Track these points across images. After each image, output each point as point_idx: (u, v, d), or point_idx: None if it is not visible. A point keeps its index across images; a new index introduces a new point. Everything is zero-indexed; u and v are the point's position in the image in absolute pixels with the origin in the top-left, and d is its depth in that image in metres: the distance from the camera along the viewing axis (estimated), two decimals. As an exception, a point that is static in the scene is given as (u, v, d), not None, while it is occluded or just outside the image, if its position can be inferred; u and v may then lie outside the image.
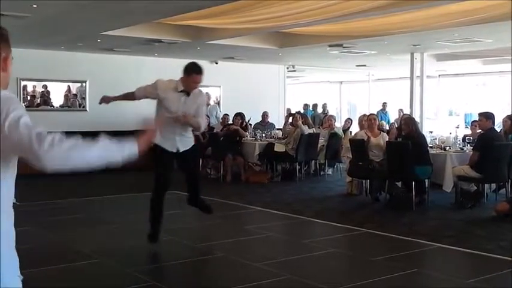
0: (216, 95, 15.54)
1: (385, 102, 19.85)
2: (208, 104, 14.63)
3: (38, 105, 12.96)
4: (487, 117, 8.36)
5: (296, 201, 8.84)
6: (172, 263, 5.31)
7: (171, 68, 14.33)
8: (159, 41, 11.15)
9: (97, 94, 13.07)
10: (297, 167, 11.17)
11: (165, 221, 7.41)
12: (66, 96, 13.34)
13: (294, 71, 18.34)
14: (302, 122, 11.45)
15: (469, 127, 11.97)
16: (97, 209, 8.24)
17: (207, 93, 15.17)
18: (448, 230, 6.71)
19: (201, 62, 15.46)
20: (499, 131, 8.91)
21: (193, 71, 5.60)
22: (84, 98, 13.43)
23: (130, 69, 13.86)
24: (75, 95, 13.45)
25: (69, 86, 13.37)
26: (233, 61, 14.98)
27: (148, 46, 11.77)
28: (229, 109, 13.50)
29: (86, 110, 13.39)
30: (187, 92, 5.62)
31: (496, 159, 8.07)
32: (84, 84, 13.42)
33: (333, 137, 11.48)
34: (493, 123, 8.50)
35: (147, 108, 14.58)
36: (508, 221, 7.14)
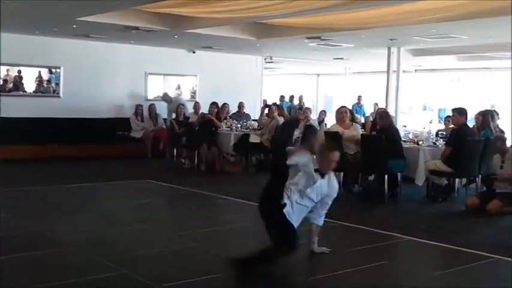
0: (192, 85, 15.47)
1: (360, 96, 19.96)
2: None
3: (10, 90, 12.75)
4: (460, 113, 8.47)
5: (270, 192, 8.84)
6: (145, 252, 5.29)
7: (148, 56, 14.36)
8: (136, 28, 11.04)
9: (71, 80, 13.11)
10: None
11: (138, 210, 7.43)
12: (39, 82, 13.15)
13: (272, 62, 18.32)
14: (278, 114, 11.46)
15: (443, 122, 12.10)
16: (75, 197, 8.15)
17: (178, 85, 15.15)
18: (419, 223, 6.80)
19: (178, 51, 15.60)
20: (471, 126, 9.02)
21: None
22: (58, 84, 13.25)
23: (106, 56, 13.73)
24: (49, 80, 13.27)
25: (40, 72, 13.16)
26: (211, 51, 14.91)
27: (125, 33, 11.64)
28: (205, 99, 13.45)
29: (59, 97, 13.22)
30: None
31: (468, 155, 8.19)
32: (58, 70, 13.24)
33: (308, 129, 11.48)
34: (466, 119, 8.61)
35: (121, 96, 14.59)
36: (478, 216, 7.26)
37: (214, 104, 12.21)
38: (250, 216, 7.48)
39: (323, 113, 14.09)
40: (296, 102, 20.10)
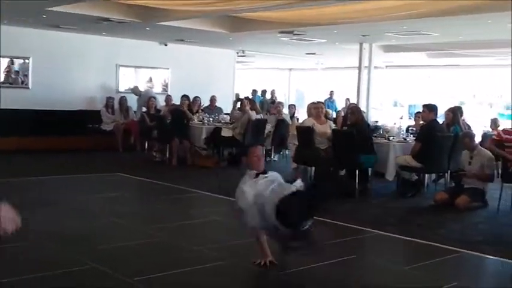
0: (164, 77, 15.37)
1: (332, 91, 20.07)
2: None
3: (-24, 81, 12.51)
4: (430, 109, 8.57)
5: (241, 186, 8.84)
6: (116, 246, 5.25)
7: (120, 48, 14.21)
8: (108, 19, 10.92)
9: (41, 71, 12.91)
10: (244, 152, 11.17)
11: (109, 203, 7.36)
12: (7, 73, 12.92)
13: (244, 56, 18.30)
14: (250, 108, 11.47)
15: (413, 118, 12.23)
16: (45, 190, 8.03)
17: (150, 77, 15.04)
18: (389, 218, 6.88)
19: (150, 43, 15.45)
20: (441, 123, 9.14)
21: None
22: (26, 75, 13.04)
23: (77, 47, 13.56)
24: (17, 71, 13.05)
25: (11, 62, 12.94)
26: (183, 43, 14.83)
27: (96, 24, 11.51)
28: (177, 92, 13.37)
29: (28, 88, 13.02)
30: None
31: (437, 151, 8.30)
32: (27, 60, 13.03)
33: (281, 123, 11.54)
34: (436, 115, 8.71)
35: (92, 88, 14.41)
36: (446, 211, 7.37)
37: (185, 97, 12.15)
38: (222, 209, 7.49)
39: (292, 107, 14.11)
40: (268, 96, 20.12)
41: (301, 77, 25.94)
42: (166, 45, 15.01)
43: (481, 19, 9.82)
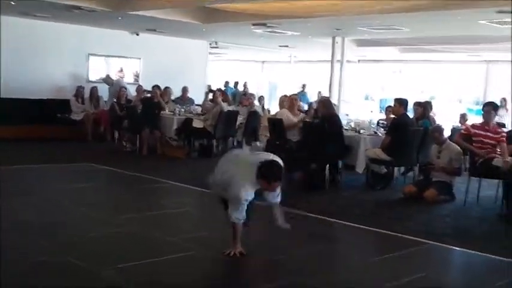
0: (135, 68, 15.23)
1: (304, 84, 20.13)
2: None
3: None
4: (400, 103, 8.65)
5: (212, 177, 8.83)
6: (86, 236, 5.20)
7: (91, 37, 14.03)
8: (79, 8, 10.75)
9: (10, 59, 12.65)
10: (215, 144, 11.17)
11: (79, 193, 7.28)
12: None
13: (217, 47, 18.23)
14: (222, 99, 11.44)
15: (384, 112, 12.35)
16: (13, 180, 7.87)
17: (121, 67, 14.90)
18: (358, 210, 6.94)
19: (121, 33, 15.27)
20: (411, 117, 9.24)
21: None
22: (-5, 63, 12.78)
23: (47, 35, 13.34)
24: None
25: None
26: (155, 33, 14.70)
27: (67, 13, 11.33)
28: (148, 82, 13.27)
29: (-4, 76, 12.78)
30: None
31: (407, 144, 8.39)
32: (-4, 48, 12.77)
33: (252, 115, 11.54)
34: (406, 109, 8.80)
35: (61, 77, 14.16)
36: (415, 203, 7.46)
37: (156, 87, 12.04)
38: (192, 200, 7.49)
39: (262, 98, 14.12)
40: (241, 88, 20.10)
41: (274, 70, 25.95)
42: (137, 34, 14.87)
43: (451, 15, 9.94)
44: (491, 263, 5.12)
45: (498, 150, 7.45)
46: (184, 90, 13.45)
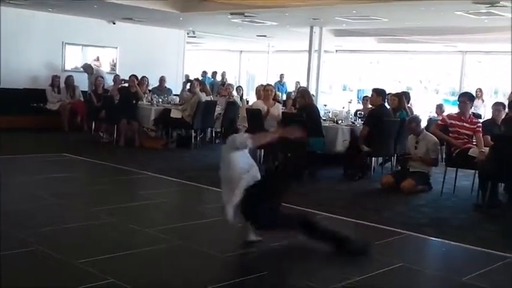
0: (112, 57, 15.06)
1: (282, 74, 20.11)
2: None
3: None
4: (378, 93, 8.69)
5: (190, 168, 8.81)
6: (61, 227, 5.13)
7: (66, 25, 13.83)
8: (54, -5, 10.60)
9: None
10: (193, 134, 11.11)
11: (54, 184, 7.19)
12: None
13: (194, 37, 18.11)
14: (200, 89, 11.37)
15: (361, 102, 12.38)
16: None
17: (97, 56, 14.72)
18: (336, 200, 6.96)
19: (98, 21, 15.07)
20: (388, 107, 9.28)
21: None
22: (-34, 52, 12.54)
23: (22, 23, 13.11)
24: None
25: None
26: (132, 22, 14.55)
27: (42, 0, 11.14)
28: (125, 72, 13.13)
29: (-32, 65, 12.54)
30: None
31: (384, 135, 8.44)
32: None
33: (230, 105, 11.50)
34: (384, 99, 8.85)
35: (36, 66, 13.92)
36: (392, 194, 7.51)
37: (133, 77, 11.93)
38: (170, 191, 7.44)
39: (239, 89, 14.08)
40: (218, 78, 20.01)
41: (252, 60, 25.90)
42: (114, 23, 14.71)
43: (428, 6, 9.98)
44: (467, 253, 5.18)
45: (474, 140, 7.53)
46: (162, 80, 13.35)
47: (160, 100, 11.74)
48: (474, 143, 7.50)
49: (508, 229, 6.05)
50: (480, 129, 7.53)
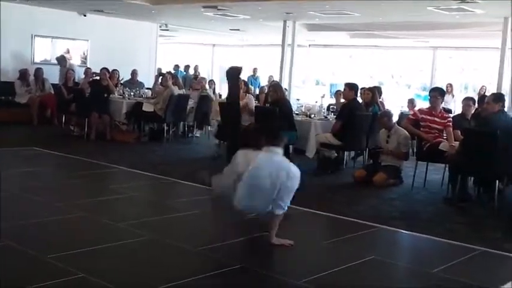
0: (83, 49, 14.87)
1: (255, 68, 20.10)
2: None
3: None
4: (350, 88, 8.72)
5: (163, 162, 8.75)
6: (31, 222, 5.05)
7: (36, 17, 13.60)
8: (23, -14, 10.41)
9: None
10: (165, 128, 11.04)
11: (24, 178, 7.08)
12: None
13: (167, 30, 17.99)
14: (172, 83, 11.29)
15: (334, 96, 12.44)
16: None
17: (67, 49, 14.52)
18: (309, 194, 6.96)
19: (68, 13, 14.85)
20: (361, 102, 9.33)
21: None
22: None
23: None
24: None
25: None
26: (103, 15, 14.39)
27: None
28: (96, 65, 12.98)
29: None
30: None
31: (356, 129, 8.48)
32: None
33: (203, 99, 11.45)
34: (356, 94, 8.89)
35: (4, 59, 13.63)
36: (364, 187, 7.56)
37: (105, 70, 11.79)
38: (142, 185, 7.38)
39: (212, 82, 14.05)
40: (191, 72, 19.91)
41: (224, 53, 25.82)
42: (85, 15, 14.52)
43: (400, 1, 10.07)
44: (437, 245, 5.24)
45: (444, 135, 7.62)
46: (134, 73, 13.23)
47: (132, 93, 11.64)
48: (444, 137, 7.59)
49: (477, 222, 6.14)
50: (450, 123, 7.62)
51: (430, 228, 5.65)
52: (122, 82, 12.48)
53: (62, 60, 13.78)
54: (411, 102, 11.98)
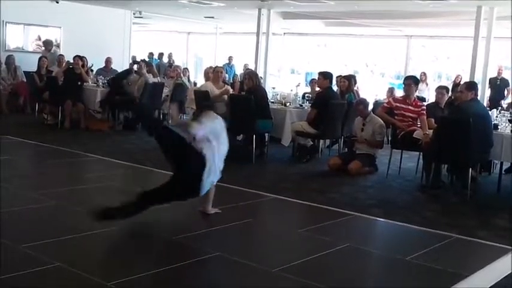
0: (55, 37, 14.65)
1: (231, 56, 20.04)
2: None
3: None
4: (325, 76, 8.75)
5: (137, 150, 8.69)
6: (3, 212, 4.98)
7: (7, 3, 13.34)
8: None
9: None
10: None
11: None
12: None
13: (141, 17, 17.82)
14: (147, 71, 11.20)
15: (309, 85, 12.46)
16: None
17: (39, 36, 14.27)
18: (284, 183, 7.00)
19: (40, 0, 14.52)
20: (336, 90, 9.37)
21: None
22: None
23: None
24: None
25: None
26: (76, 1, 14.18)
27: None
28: (69, 52, 12.80)
29: None
30: None
31: (332, 117, 8.52)
32: None
33: (179, 87, 11.37)
34: (331, 82, 8.92)
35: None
36: (339, 175, 7.61)
37: (77, 57, 11.62)
38: (116, 174, 7.33)
39: (185, 70, 13.98)
40: (165, 59, 19.77)
41: (199, 42, 25.68)
42: (57, 2, 14.29)
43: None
44: (411, 232, 5.30)
45: (418, 123, 7.69)
46: (108, 61, 13.08)
47: (106, 81, 11.51)
48: (419, 125, 7.66)
49: (450, 209, 6.22)
50: (424, 112, 7.69)
51: (405, 215, 5.72)
52: (92, 69, 12.33)
53: (48, 44, 13.55)
54: (391, 91, 12.03)
